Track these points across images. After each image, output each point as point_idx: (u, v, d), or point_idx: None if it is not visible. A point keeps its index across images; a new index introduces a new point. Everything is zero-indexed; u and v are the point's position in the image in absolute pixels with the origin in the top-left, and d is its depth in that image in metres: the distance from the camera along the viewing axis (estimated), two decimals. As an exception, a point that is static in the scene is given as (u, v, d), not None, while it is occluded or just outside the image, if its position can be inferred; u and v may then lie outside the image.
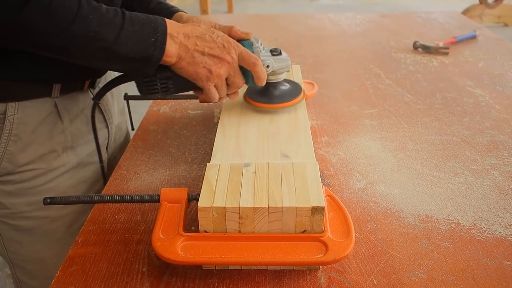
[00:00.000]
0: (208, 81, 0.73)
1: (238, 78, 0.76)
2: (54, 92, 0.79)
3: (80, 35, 0.62)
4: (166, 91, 0.75)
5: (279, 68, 0.81)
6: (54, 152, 0.82)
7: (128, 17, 0.66)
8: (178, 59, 0.70)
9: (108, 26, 0.64)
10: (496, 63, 1.37)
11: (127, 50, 0.66)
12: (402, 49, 1.50)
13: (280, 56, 0.81)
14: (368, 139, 0.94)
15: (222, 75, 0.73)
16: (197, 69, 0.71)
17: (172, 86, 0.75)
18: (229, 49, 0.73)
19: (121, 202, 0.66)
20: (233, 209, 0.57)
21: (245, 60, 0.74)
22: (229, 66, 0.73)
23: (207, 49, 0.71)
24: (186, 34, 0.71)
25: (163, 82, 0.74)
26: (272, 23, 1.85)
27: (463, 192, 0.77)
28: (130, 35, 0.66)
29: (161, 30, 0.68)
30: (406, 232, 0.68)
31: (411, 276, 0.60)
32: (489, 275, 0.61)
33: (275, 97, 0.84)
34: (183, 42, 0.70)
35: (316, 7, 6.05)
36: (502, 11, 4.76)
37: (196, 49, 0.71)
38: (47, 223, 0.86)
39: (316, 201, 0.58)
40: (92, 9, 0.63)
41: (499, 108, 1.07)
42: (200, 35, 0.72)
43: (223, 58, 0.72)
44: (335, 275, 0.61)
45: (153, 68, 0.69)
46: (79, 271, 0.62)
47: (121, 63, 0.68)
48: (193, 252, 0.57)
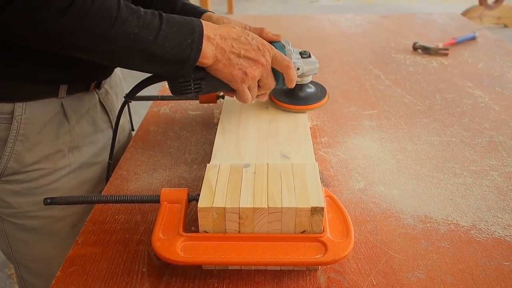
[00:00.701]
0: (243, 83, 0.73)
1: (270, 80, 0.77)
2: (61, 93, 0.80)
3: (120, 37, 0.63)
4: (198, 92, 0.75)
5: (308, 71, 0.83)
6: (60, 152, 0.83)
7: (166, 18, 0.67)
8: (214, 60, 0.70)
9: (146, 28, 0.64)
10: (496, 64, 1.37)
11: (165, 51, 0.66)
12: (401, 50, 1.51)
13: (310, 59, 0.82)
14: (368, 140, 0.94)
15: (256, 77, 0.74)
16: (232, 71, 0.72)
17: (205, 87, 0.75)
18: (264, 51, 0.74)
19: (121, 202, 0.66)
20: (233, 210, 0.58)
21: (278, 62, 0.75)
22: (263, 69, 0.74)
23: (243, 51, 0.72)
24: (223, 36, 0.71)
25: (196, 83, 0.74)
26: (272, 24, 1.85)
27: (462, 192, 0.78)
28: (168, 37, 0.66)
29: (198, 31, 0.68)
30: (405, 232, 0.69)
31: (410, 276, 0.61)
32: (488, 275, 0.61)
33: (301, 99, 0.86)
34: (220, 44, 0.70)
35: (316, 8, 6.06)
36: (502, 12, 4.77)
37: (232, 51, 0.71)
38: (51, 223, 0.86)
39: (315, 201, 0.58)
40: (131, 11, 0.64)
41: (498, 109, 1.07)
42: (236, 37, 0.72)
43: (258, 61, 0.73)
44: (334, 275, 0.61)
45: (189, 69, 0.70)
46: (79, 271, 0.62)
47: (158, 65, 0.68)
48: (193, 252, 0.58)
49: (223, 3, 5.75)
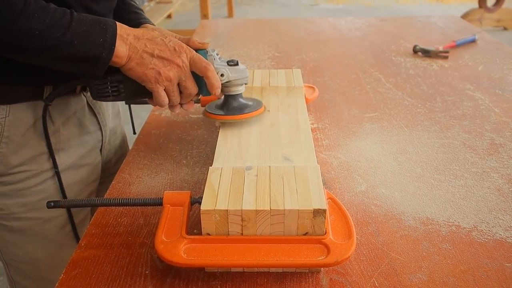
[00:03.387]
0: (157, 83, 0.72)
1: (189, 83, 0.75)
2: (46, 95, 0.80)
3: (25, 33, 0.63)
4: (117, 95, 0.75)
5: (236, 79, 0.80)
6: (45, 154, 0.83)
7: (77, 17, 0.67)
8: (127, 60, 0.70)
9: (54, 25, 0.64)
10: (496, 66, 1.37)
11: (75, 50, 0.66)
12: (402, 53, 1.51)
13: (237, 67, 0.79)
14: (369, 142, 0.95)
15: (172, 78, 0.73)
16: (145, 70, 0.71)
17: (123, 91, 0.75)
18: (180, 52, 0.73)
19: (124, 205, 0.66)
20: (235, 212, 0.58)
21: (196, 64, 0.74)
22: (179, 70, 0.73)
23: (156, 51, 0.71)
24: (137, 36, 0.71)
25: (113, 86, 0.74)
26: (272, 27, 1.86)
27: (464, 194, 0.78)
28: (78, 35, 0.66)
29: (111, 31, 0.68)
30: (407, 234, 0.69)
31: (412, 278, 0.61)
32: (490, 277, 0.61)
33: (234, 109, 0.82)
34: (133, 43, 0.70)
35: (315, 11, 6.07)
36: (501, 15, 4.78)
37: (145, 50, 0.71)
38: (39, 224, 0.86)
39: (317, 203, 0.58)
40: (38, 8, 0.64)
41: (498, 111, 1.08)
42: (151, 37, 0.72)
43: (173, 61, 0.72)
44: (336, 277, 0.61)
45: (102, 68, 0.69)
46: (82, 274, 0.62)
47: (69, 63, 0.69)
48: (196, 254, 0.58)
49: (223, 7, 5.77)
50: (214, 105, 0.86)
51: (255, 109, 0.83)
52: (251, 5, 6.51)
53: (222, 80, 0.78)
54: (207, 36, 1.75)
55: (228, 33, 1.80)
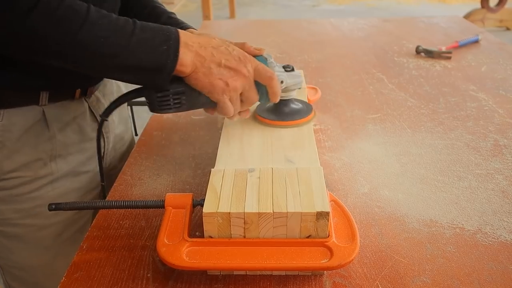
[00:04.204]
0: (224, 93, 0.69)
1: (252, 93, 0.73)
2: (42, 100, 0.78)
3: (90, 41, 0.61)
4: (179, 107, 0.71)
5: (292, 84, 0.79)
6: (40, 161, 0.81)
7: (140, 25, 0.65)
8: (193, 69, 0.67)
9: (117, 33, 0.62)
10: (499, 67, 1.37)
11: (138, 58, 0.63)
12: (404, 54, 1.51)
13: (293, 72, 0.79)
14: (372, 143, 0.94)
15: (238, 88, 0.70)
16: (213, 80, 0.68)
17: (185, 102, 0.71)
18: (246, 62, 0.70)
19: (126, 208, 0.66)
20: (238, 215, 0.57)
21: (261, 74, 0.72)
22: (245, 80, 0.70)
23: (223, 61, 0.68)
24: (202, 44, 0.68)
25: (176, 98, 0.70)
26: (274, 28, 1.86)
27: (468, 196, 0.77)
28: (141, 42, 0.63)
29: (174, 38, 0.65)
30: (410, 237, 0.68)
31: (416, 281, 0.60)
32: (494, 280, 0.60)
33: (286, 114, 0.82)
34: (199, 52, 0.67)
35: (317, 12, 6.07)
36: (504, 15, 4.77)
37: (212, 60, 0.68)
38: (34, 231, 0.85)
39: (320, 206, 0.58)
40: (101, 16, 0.62)
41: (502, 112, 1.07)
42: (216, 46, 0.69)
43: (240, 71, 0.69)
44: (340, 280, 0.61)
45: (166, 78, 0.66)
46: (84, 277, 0.62)
47: (132, 73, 0.66)
48: (198, 257, 0.57)
49: (225, 8, 5.77)
50: (263, 108, 0.84)
51: (306, 114, 0.82)
52: (253, 6, 6.51)
53: (282, 87, 0.77)
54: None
55: (230, 34, 1.80)
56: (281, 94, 0.77)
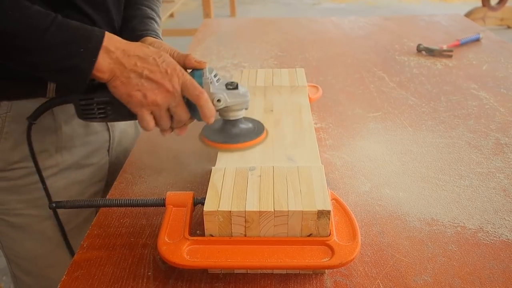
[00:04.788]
0: (142, 106, 0.66)
1: (180, 110, 0.69)
2: (49, 92, 0.78)
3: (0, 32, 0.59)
4: (104, 117, 0.70)
5: (235, 104, 0.73)
6: (46, 152, 0.82)
7: (59, 22, 0.62)
8: (111, 76, 0.64)
9: (30, 27, 0.60)
10: (500, 65, 1.36)
11: (52, 56, 0.62)
12: (405, 52, 1.50)
13: (236, 91, 0.72)
14: (373, 142, 0.94)
15: (159, 103, 0.66)
16: (131, 91, 0.65)
17: (111, 113, 0.69)
18: (172, 76, 0.66)
19: (127, 206, 0.66)
20: (239, 213, 0.57)
21: (188, 91, 0.67)
22: (169, 95, 0.66)
23: (146, 72, 0.65)
24: (126, 52, 0.65)
25: (100, 107, 0.68)
26: (275, 27, 1.85)
27: (469, 195, 0.77)
28: (55, 40, 0.61)
29: (95, 41, 0.63)
30: (412, 235, 0.68)
31: (417, 280, 0.60)
32: (496, 278, 0.60)
33: (232, 136, 0.75)
34: (120, 59, 0.64)
35: (318, 10, 6.06)
36: (505, 14, 4.76)
37: (133, 69, 0.65)
38: (38, 222, 0.86)
39: (322, 204, 0.58)
40: (15, 7, 0.60)
41: (503, 110, 1.07)
42: (143, 55, 0.66)
43: (162, 85, 0.66)
44: (341, 279, 0.60)
45: (83, 81, 0.64)
46: (84, 275, 0.62)
47: (49, 71, 0.64)
48: (199, 256, 0.57)
49: (226, 6, 5.76)
50: (211, 128, 0.78)
51: (255, 136, 0.76)
52: (253, 4, 6.50)
53: (218, 106, 0.71)
54: (210, 35, 1.75)
55: (230, 32, 1.80)
56: (222, 112, 0.74)
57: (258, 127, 0.79)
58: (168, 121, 0.70)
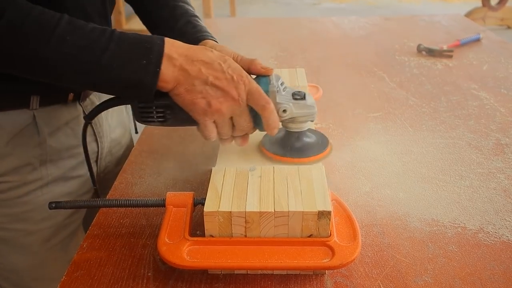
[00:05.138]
0: (205, 115, 0.63)
1: (244, 120, 0.65)
2: (33, 104, 0.75)
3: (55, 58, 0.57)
4: (163, 122, 0.67)
5: (300, 116, 0.68)
6: (29, 165, 0.79)
7: (117, 37, 0.59)
8: (175, 84, 0.61)
9: (89, 48, 0.58)
10: (501, 66, 1.36)
11: (114, 74, 0.59)
12: (406, 52, 1.50)
13: (303, 101, 0.67)
14: (373, 142, 0.94)
15: (224, 111, 0.62)
16: (195, 98, 0.61)
17: (170, 117, 0.66)
18: (238, 83, 0.62)
19: (126, 206, 0.66)
20: (239, 214, 0.57)
21: (254, 100, 0.63)
22: (234, 104, 0.62)
23: (211, 78, 0.61)
24: (190, 57, 0.62)
25: (159, 111, 0.65)
26: (275, 26, 1.85)
27: (469, 195, 0.77)
28: (116, 57, 0.58)
29: (156, 50, 0.60)
30: (412, 236, 0.68)
31: (418, 280, 0.60)
32: (497, 279, 0.60)
33: (295, 150, 0.71)
34: (184, 66, 0.61)
35: (318, 10, 6.06)
36: (505, 14, 4.76)
37: (198, 76, 0.61)
38: (22, 236, 0.83)
39: (322, 205, 0.57)
40: (72, 29, 0.57)
41: (504, 111, 1.07)
42: (208, 60, 0.62)
43: (228, 92, 0.62)
44: (341, 279, 0.60)
45: (149, 94, 0.61)
46: (84, 276, 0.61)
47: (110, 89, 0.62)
48: (199, 256, 0.57)
49: (226, 6, 5.76)
50: (273, 139, 0.74)
51: (320, 151, 0.72)
52: (253, 4, 6.50)
53: (284, 117, 0.67)
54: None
55: (230, 32, 1.79)
56: (286, 123, 0.70)
57: (321, 139, 0.75)
58: (230, 130, 0.66)
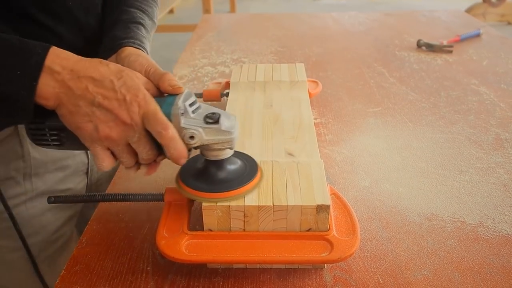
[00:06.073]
0: (94, 142, 0.54)
1: (143, 146, 0.55)
2: None
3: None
4: (59, 145, 0.59)
5: (213, 143, 0.57)
6: (11, 179, 0.74)
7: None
8: (57, 103, 0.53)
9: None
10: (501, 61, 1.36)
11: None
12: (406, 48, 1.50)
13: (216, 126, 0.56)
14: (373, 137, 0.94)
15: (115, 138, 0.54)
16: (79, 122, 0.53)
17: (65, 140, 0.58)
18: (131, 105, 0.53)
19: (126, 201, 0.66)
20: (237, 208, 0.57)
21: (150, 125, 0.53)
22: (126, 129, 0.53)
23: (99, 98, 0.52)
24: (76, 72, 0.52)
25: (53, 134, 0.57)
26: (275, 22, 1.85)
27: (469, 190, 0.77)
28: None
29: (35, 60, 0.51)
30: (411, 230, 0.68)
31: (417, 274, 0.60)
32: (495, 273, 0.60)
33: (216, 182, 0.59)
34: (67, 82, 0.52)
35: (318, 6, 6.04)
36: (505, 10, 4.75)
37: (83, 95, 0.52)
38: (6, 253, 0.80)
39: (321, 199, 0.57)
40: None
41: (504, 106, 1.06)
42: (98, 77, 0.53)
43: (118, 116, 0.53)
44: (340, 273, 0.60)
45: (27, 112, 0.52)
46: (83, 270, 0.61)
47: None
48: (197, 250, 0.57)
49: (226, 2, 5.75)
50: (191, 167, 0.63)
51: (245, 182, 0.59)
52: (253, 0, 6.49)
53: (192, 144, 0.56)
54: (209, 30, 1.74)
55: (230, 28, 1.79)
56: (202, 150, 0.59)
57: (250, 167, 0.63)
58: (131, 158, 0.57)
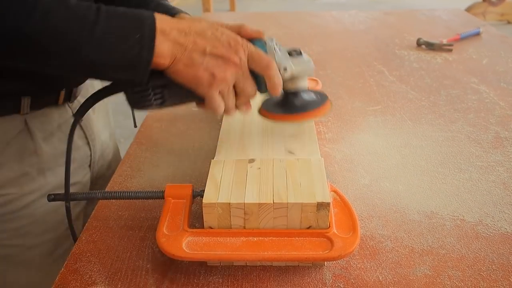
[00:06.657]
0: (211, 87, 0.60)
1: (248, 85, 0.62)
2: (24, 108, 0.71)
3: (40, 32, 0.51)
4: (162, 103, 0.62)
5: (299, 72, 0.67)
6: (26, 175, 0.75)
7: (105, 10, 0.54)
8: (172, 60, 0.57)
9: (77, 21, 0.52)
10: (500, 60, 1.36)
11: (107, 49, 0.53)
12: (405, 46, 1.50)
13: (300, 57, 0.67)
14: (372, 135, 0.94)
15: (229, 79, 0.60)
16: (197, 72, 0.58)
17: (168, 97, 0.62)
18: (237, 48, 0.60)
19: (125, 198, 0.66)
20: (238, 205, 0.57)
21: (256, 62, 0.61)
22: (237, 69, 0.60)
23: (209, 48, 0.58)
24: (182, 30, 0.58)
25: (157, 92, 0.61)
26: (275, 21, 1.85)
27: (468, 188, 0.77)
28: (108, 31, 0.53)
29: (149, 24, 0.55)
30: (411, 228, 0.68)
31: (416, 272, 0.60)
32: (495, 271, 0.60)
33: (296, 108, 0.69)
34: (178, 39, 0.57)
35: (318, 5, 6.04)
36: (505, 9, 4.75)
37: (195, 48, 0.58)
38: (22, 252, 0.79)
39: (321, 197, 0.57)
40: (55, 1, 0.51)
41: (503, 104, 1.06)
42: (200, 31, 0.59)
43: (229, 59, 0.59)
44: (340, 271, 0.60)
45: (144, 73, 0.56)
46: (83, 268, 0.61)
47: (102, 68, 0.55)
48: (197, 248, 0.57)
49: (225, 1, 5.75)
50: (272, 101, 0.73)
51: (318, 105, 0.69)
52: (253, -1, 6.49)
53: (285, 75, 0.65)
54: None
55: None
56: (286, 85, 0.67)
57: (320, 97, 0.73)
58: (233, 99, 0.63)
